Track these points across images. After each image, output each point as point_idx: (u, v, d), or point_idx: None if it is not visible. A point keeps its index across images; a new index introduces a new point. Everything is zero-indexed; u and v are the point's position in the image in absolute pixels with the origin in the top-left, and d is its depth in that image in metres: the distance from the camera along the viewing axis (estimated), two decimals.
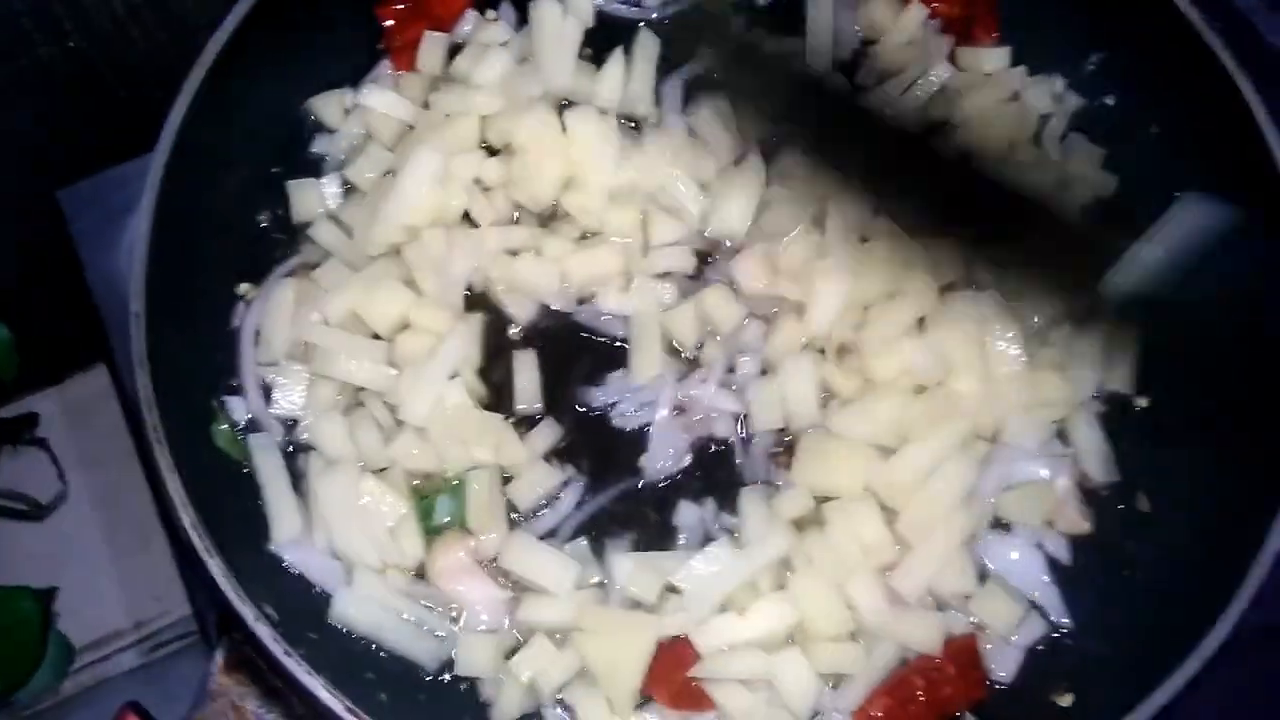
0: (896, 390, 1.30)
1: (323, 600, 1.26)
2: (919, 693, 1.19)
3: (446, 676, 1.24)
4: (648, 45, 1.50)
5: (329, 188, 1.46)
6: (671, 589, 1.24)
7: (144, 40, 1.70)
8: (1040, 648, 1.26)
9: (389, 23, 1.51)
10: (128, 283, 1.55)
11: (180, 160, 1.29)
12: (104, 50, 1.69)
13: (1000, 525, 1.30)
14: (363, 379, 1.33)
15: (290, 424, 1.35)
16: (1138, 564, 1.29)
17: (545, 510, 1.32)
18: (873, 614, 1.21)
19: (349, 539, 1.26)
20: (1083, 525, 1.30)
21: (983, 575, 1.27)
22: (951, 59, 1.52)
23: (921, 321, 1.33)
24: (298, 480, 1.31)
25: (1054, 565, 1.28)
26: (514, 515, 1.31)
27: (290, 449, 1.34)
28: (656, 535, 1.30)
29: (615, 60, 1.48)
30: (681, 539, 1.30)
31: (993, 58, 1.51)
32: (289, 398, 1.35)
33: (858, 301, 1.33)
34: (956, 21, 1.54)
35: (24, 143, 1.74)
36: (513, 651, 1.23)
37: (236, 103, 1.37)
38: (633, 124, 1.48)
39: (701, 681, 1.22)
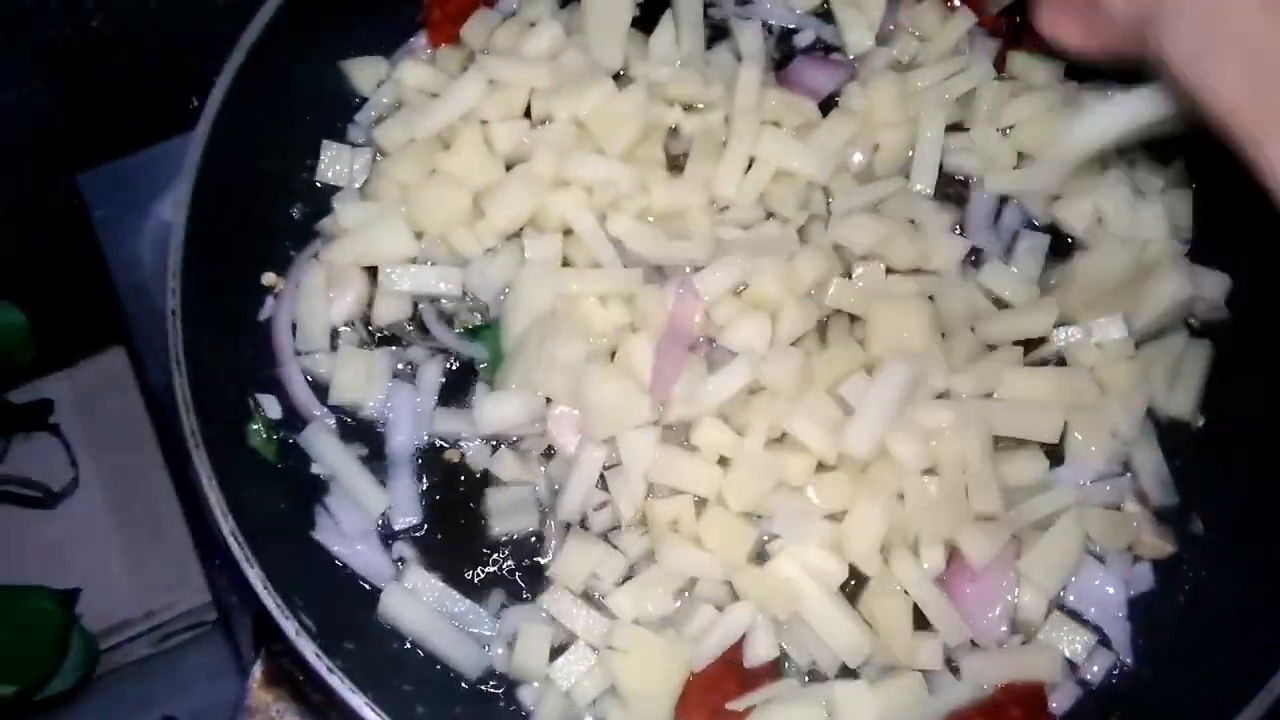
0: None
1: (362, 605, 1.23)
2: None
3: (485, 687, 1.22)
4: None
5: (360, 158, 1.43)
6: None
7: (168, 21, 1.65)
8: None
9: None
10: (149, 270, 1.53)
11: (217, 145, 1.26)
12: (127, 31, 1.64)
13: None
14: None
15: (343, 411, 1.32)
16: (1191, 588, 1.26)
17: None
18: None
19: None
20: (1165, 548, 1.26)
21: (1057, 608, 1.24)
22: (1001, 61, 1.48)
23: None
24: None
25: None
26: None
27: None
28: None
29: (665, 28, 1.45)
30: None
31: (1045, 70, 1.45)
32: (347, 379, 1.31)
33: None
34: (1005, 27, 1.50)
35: (43, 124, 1.70)
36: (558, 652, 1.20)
37: (275, 85, 1.34)
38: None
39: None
